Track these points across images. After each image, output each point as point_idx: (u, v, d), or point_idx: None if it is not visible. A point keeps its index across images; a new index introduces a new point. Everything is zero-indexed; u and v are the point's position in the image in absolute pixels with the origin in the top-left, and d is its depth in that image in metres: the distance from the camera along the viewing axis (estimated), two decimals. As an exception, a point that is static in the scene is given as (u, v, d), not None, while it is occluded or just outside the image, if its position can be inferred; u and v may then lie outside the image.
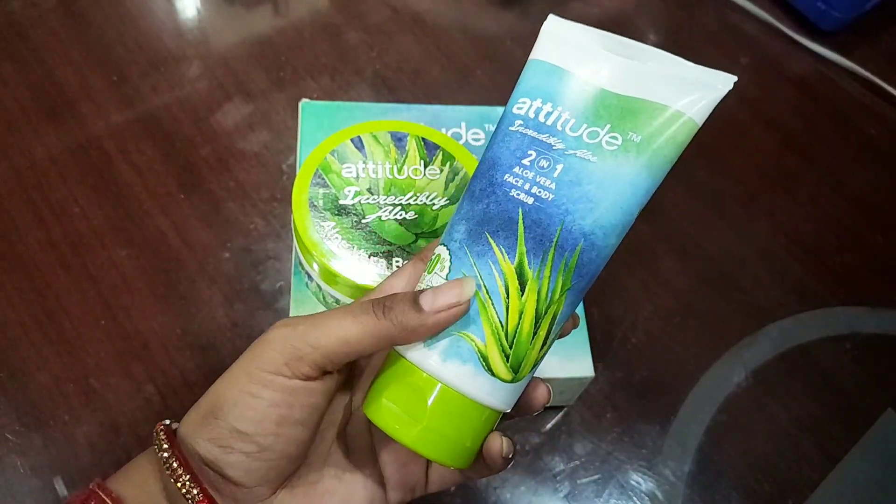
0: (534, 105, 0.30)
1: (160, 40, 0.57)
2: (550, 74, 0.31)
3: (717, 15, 0.64)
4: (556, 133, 0.29)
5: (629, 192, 0.29)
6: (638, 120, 0.29)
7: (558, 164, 0.28)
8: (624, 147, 0.29)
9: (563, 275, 0.27)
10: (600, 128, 0.29)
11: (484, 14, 0.62)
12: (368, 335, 0.26)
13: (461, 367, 0.26)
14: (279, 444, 0.27)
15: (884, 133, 0.59)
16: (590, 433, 0.44)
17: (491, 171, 0.29)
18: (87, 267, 0.46)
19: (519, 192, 0.28)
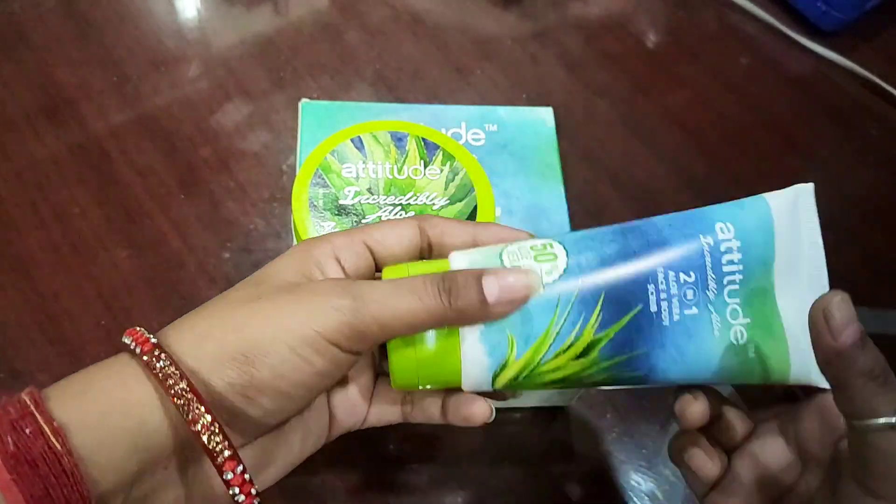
0: (732, 243, 0.29)
1: (160, 40, 0.57)
2: (765, 236, 0.30)
3: (717, 15, 0.64)
4: (719, 283, 0.28)
5: (705, 377, 0.29)
6: (770, 343, 0.29)
7: (695, 307, 0.28)
8: (740, 350, 0.29)
9: (607, 375, 0.28)
10: (743, 316, 0.29)
11: (484, 14, 0.62)
12: (431, 319, 0.26)
13: (482, 356, 0.27)
14: (301, 405, 0.26)
15: (884, 133, 0.59)
16: (590, 433, 0.44)
17: (654, 249, 0.28)
18: (88, 267, 0.46)
19: (653, 289, 0.28)
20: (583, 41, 0.61)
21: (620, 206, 0.53)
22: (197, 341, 0.25)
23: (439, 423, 0.30)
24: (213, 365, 0.24)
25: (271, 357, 0.24)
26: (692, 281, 0.28)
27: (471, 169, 0.40)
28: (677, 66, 0.61)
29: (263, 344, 0.24)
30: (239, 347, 0.24)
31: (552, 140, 0.46)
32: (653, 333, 0.27)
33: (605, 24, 0.63)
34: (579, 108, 0.57)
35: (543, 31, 0.61)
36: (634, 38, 0.62)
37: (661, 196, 0.54)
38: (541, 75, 0.59)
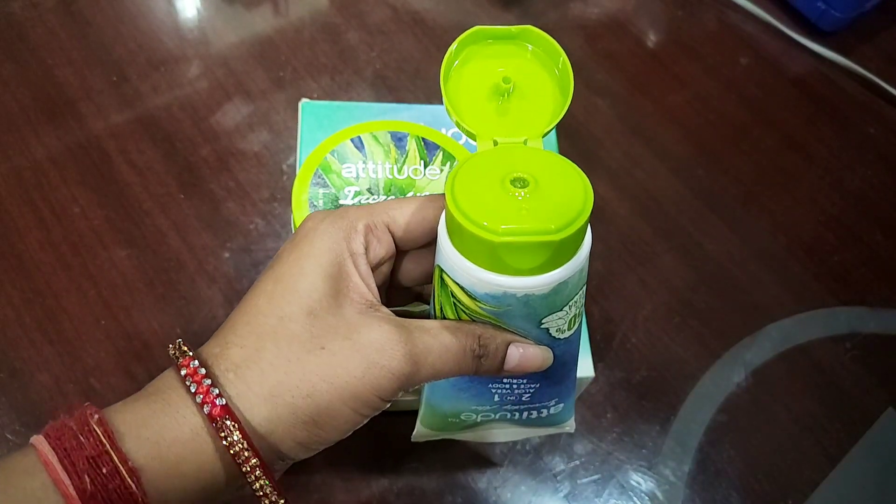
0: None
1: (160, 40, 0.57)
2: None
3: (717, 15, 0.64)
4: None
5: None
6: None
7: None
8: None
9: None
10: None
11: (484, 14, 0.62)
12: (457, 373, 0.28)
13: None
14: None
15: (884, 133, 0.59)
16: (590, 433, 0.44)
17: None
18: (88, 267, 0.46)
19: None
20: (583, 41, 0.61)
21: (620, 206, 0.53)
22: (269, 403, 0.25)
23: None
24: (285, 431, 0.25)
25: (336, 420, 0.26)
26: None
27: (471, 169, 0.40)
28: (677, 65, 0.61)
29: (331, 410, 0.26)
30: (310, 414, 0.26)
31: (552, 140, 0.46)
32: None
33: (605, 24, 0.63)
34: (579, 108, 0.57)
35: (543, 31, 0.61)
36: (634, 38, 0.62)
37: (661, 196, 0.54)
38: (541, 75, 0.59)
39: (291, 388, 0.25)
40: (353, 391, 0.26)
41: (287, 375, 0.25)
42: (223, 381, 0.25)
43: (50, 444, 0.23)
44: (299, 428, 0.26)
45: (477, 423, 0.34)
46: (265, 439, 0.25)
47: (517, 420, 0.34)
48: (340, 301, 0.27)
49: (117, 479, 0.22)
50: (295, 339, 0.26)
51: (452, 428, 0.35)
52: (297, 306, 0.27)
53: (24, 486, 0.22)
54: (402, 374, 0.26)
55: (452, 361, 0.28)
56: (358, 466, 0.42)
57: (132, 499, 0.23)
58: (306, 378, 0.25)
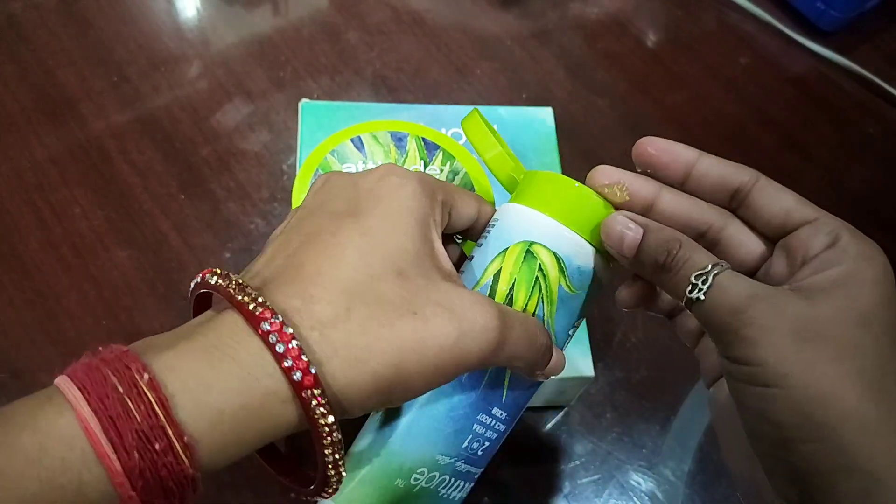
0: None
1: (160, 40, 0.57)
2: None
3: (716, 14, 0.64)
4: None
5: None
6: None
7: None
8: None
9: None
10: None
11: (484, 14, 0.62)
12: (526, 355, 0.28)
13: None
14: None
15: (883, 132, 0.59)
16: (590, 433, 0.44)
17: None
18: (88, 267, 0.46)
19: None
20: (582, 41, 0.61)
21: (620, 205, 0.53)
22: (354, 369, 0.23)
23: None
24: (364, 399, 0.24)
25: (406, 393, 0.25)
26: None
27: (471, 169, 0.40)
28: (677, 65, 0.61)
29: (409, 382, 0.24)
30: (390, 383, 0.24)
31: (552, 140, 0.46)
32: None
33: (604, 24, 0.63)
34: (579, 108, 0.57)
35: (543, 31, 0.61)
36: (634, 38, 0.62)
37: (661, 196, 0.54)
38: (541, 75, 0.59)
39: (379, 355, 0.23)
40: (438, 363, 0.24)
41: (377, 341, 0.24)
42: (310, 342, 0.23)
43: (91, 407, 0.20)
44: (373, 396, 0.24)
45: (413, 492, 0.30)
46: (342, 403, 0.23)
47: (441, 496, 0.32)
48: (428, 265, 0.26)
49: (170, 457, 0.20)
50: (386, 302, 0.24)
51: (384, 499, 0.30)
52: (388, 265, 0.25)
53: (61, 456, 0.19)
54: (491, 345, 0.25)
55: (527, 344, 0.27)
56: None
57: (183, 474, 0.20)
58: (396, 345, 0.24)
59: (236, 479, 0.41)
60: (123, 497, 0.20)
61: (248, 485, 0.41)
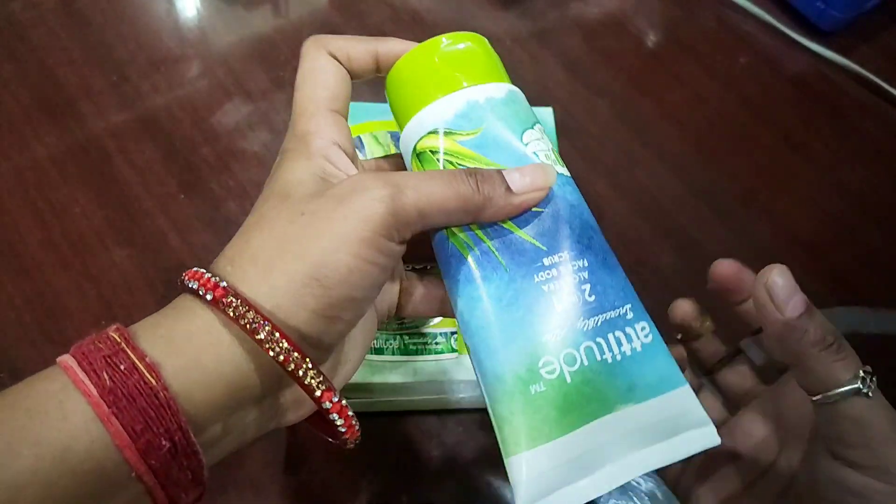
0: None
1: (160, 40, 0.57)
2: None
3: (716, 14, 0.64)
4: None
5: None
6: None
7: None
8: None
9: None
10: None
11: (484, 14, 0.62)
12: (463, 207, 0.26)
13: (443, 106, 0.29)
14: (370, 304, 0.27)
15: (882, 132, 0.59)
16: (590, 432, 0.44)
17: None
18: (88, 267, 0.46)
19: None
20: (582, 41, 0.61)
21: (620, 205, 0.53)
22: (265, 277, 0.25)
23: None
24: (290, 299, 0.24)
25: (341, 271, 0.25)
26: (586, 298, 0.27)
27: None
28: (676, 65, 0.61)
29: (330, 262, 0.24)
30: (308, 273, 0.24)
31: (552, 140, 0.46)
32: (522, 268, 0.27)
33: (604, 24, 0.63)
34: (579, 108, 0.57)
35: (543, 31, 0.61)
36: (634, 38, 0.62)
37: (661, 195, 0.54)
38: (541, 75, 0.59)
39: (282, 256, 0.25)
40: (341, 234, 0.25)
41: (276, 249, 0.25)
42: (223, 274, 0.25)
43: (71, 355, 0.23)
44: (303, 293, 0.24)
45: (570, 384, 0.25)
46: (275, 315, 0.24)
47: (585, 369, 0.26)
48: (317, 178, 0.27)
49: (136, 375, 0.22)
50: (276, 220, 0.26)
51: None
52: (274, 198, 0.27)
53: (44, 389, 0.22)
54: (383, 197, 0.25)
55: (441, 179, 0.26)
56: (358, 467, 0.42)
57: (153, 392, 0.22)
58: (293, 242, 0.25)
59: (238, 479, 0.41)
60: (101, 417, 0.22)
61: (249, 485, 0.41)
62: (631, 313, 0.28)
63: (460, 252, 0.27)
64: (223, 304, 0.24)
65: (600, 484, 0.25)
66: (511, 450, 0.25)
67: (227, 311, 0.24)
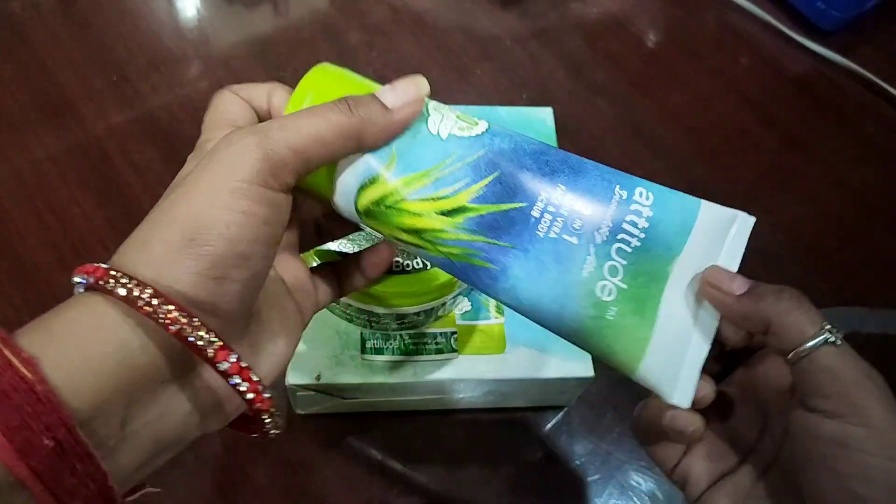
0: (640, 204, 0.29)
1: (160, 40, 0.57)
2: (682, 225, 0.30)
3: (717, 14, 0.64)
4: (612, 233, 0.28)
5: (552, 313, 0.28)
6: (633, 318, 0.28)
7: (577, 237, 0.27)
8: (604, 307, 0.27)
9: (461, 251, 0.27)
10: (622, 279, 0.28)
11: (484, 14, 0.62)
12: (341, 134, 0.25)
13: (359, 163, 0.27)
14: (266, 267, 0.25)
15: (883, 132, 0.59)
16: (590, 433, 0.44)
17: (567, 171, 0.28)
18: (88, 267, 0.46)
19: (545, 198, 0.27)
20: (583, 41, 0.61)
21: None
22: (142, 249, 0.24)
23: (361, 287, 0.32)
24: (168, 264, 0.23)
25: (217, 226, 0.23)
26: (587, 214, 0.27)
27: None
28: (677, 65, 0.61)
29: (202, 219, 0.23)
30: (183, 235, 0.23)
31: (552, 140, 0.46)
32: (523, 234, 0.27)
33: (604, 24, 0.63)
34: (579, 108, 0.57)
35: (543, 31, 0.61)
36: (634, 38, 0.62)
37: (661, 196, 0.54)
38: (541, 75, 0.59)
39: (155, 228, 0.24)
40: (211, 189, 0.24)
41: (151, 223, 0.24)
42: (110, 261, 0.24)
43: None
44: (183, 256, 0.23)
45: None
46: (158, 283, 0.23)
47: (628, 266, 0.27)
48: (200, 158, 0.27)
49: (10, 372, 0.20)
50: (158, 204, 0.25)
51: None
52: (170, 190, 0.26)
53: None
54: (249, 144, 0.24)
55: (310, 113, 0.25)
56: (359, 467, 0.42)
57: (29, 387, 0.20)
58: (167, 212, 0.24)
59: (238, 480, 0.41)
60: None
61: (250, 485, 0.41)
62: (623, 191, 0.28)
63: (468, 263, 0.27)
64: (102, 283, 0.23)
65: (704, 329, 0.28)
66: (633, 368, 0.28)
67: (106, 288, 0.23)
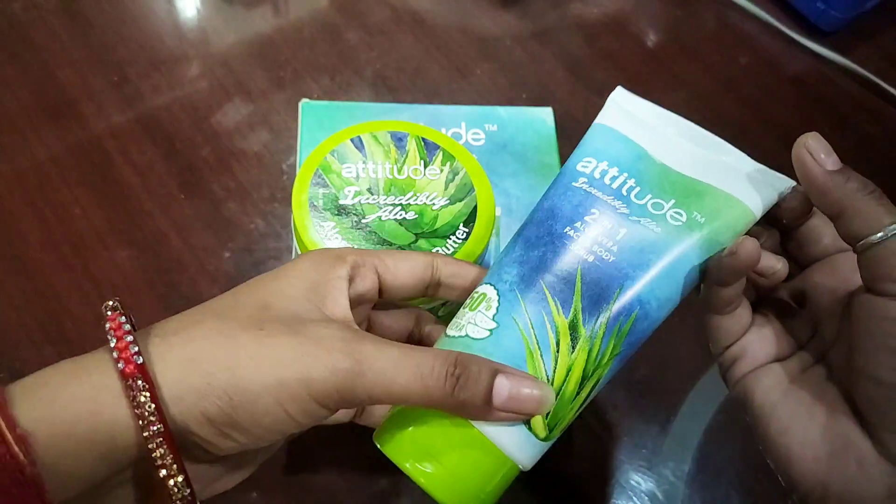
0: (599, 166, 0.30)
1: (160, 40, 0.57)
2: (618, 142, 0.31)
3: (716, 14, 0.64)
4: (621, 197, 0.29)
5: (687, 268, 0.29)
6: (704, 202, 0.29)
7: (622, 227, 0.28)
8: (688, 224, 0.29)
9: (614, 339, 0.27)
10: (665, 201, 0.29)
11: (484, 14, 0.62)
12: (426, 401, 0.25)
13: (516, 430, 0.26)
14: (271, 447, 0.26)
15: (883, 132, 0.59)
16: (590, 433, 0.44)
17: (550, 221, 0.29)
18: (89, 267, 0.46)
19: (579, 247, 0.28)
20: (583, 41, 0.61)
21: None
22: (184, 368, 0.23)
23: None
24: (195, 399, 0.23)
25: (257, 406, 0.23)
26: (598, 216, 0.29)
27: (471, 169, 0.40)
28: (677, 65, 0.61)
29: (252, 391, 0.23)
30: (226, 388, 0.23)
31: (552, 140, 0.46)
32: (611, 276, 0.28)
33: (604, 24, 0.63)
34: (579, 108, 0.57)
35: (543, 31, 0.61)
36: (634, 38, 0.62)
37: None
38: (541, 75, 0.59)
39: (212, 356, 0.23)
40: (280, 378, 0.23)
41: (212, 345, 0.24)
42: (148, 343, 0.24)
43: None
44: (210, 401, 0.23)
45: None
46: (172, 406, 0.23)
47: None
48: (304, 306, 0.26)
49: (2, 447, 0.20)
50: (237, 319, 0.24)
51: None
52: (256, 297, 0.25)
53: None
54: (337, 370, 0.23)
55: (414, 374, 0.24)
56: (360, 467, 0.42)
57: (18, 468, 0.20)
58: (232, 351, 0.23)
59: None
60: None
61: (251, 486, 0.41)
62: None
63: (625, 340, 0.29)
64: (129, 384, 0.22)
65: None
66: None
67: (129, 393, 0.22)
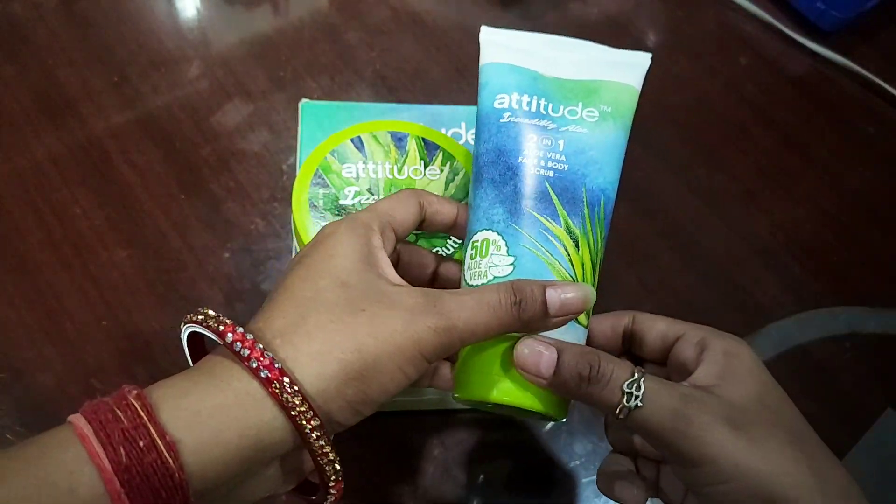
0: (512, 98, 0.34)
1: (160, 40, 0.57)
2: (512, 73, 0.35)
3: (716, 14, 0.64)
4: (542, 116, 0.34)
5: (619, 150, 0.35)
6: (601, 95, 0.35)
7: (559, 139, 0.33)
8: (602, 117, 0.34)
9: (599, 226, 0.34)
10: (575, 106, 0.34)
11: (484, 14, 0.62)
12: (498, 327, 0.28)
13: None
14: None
15: (883, 132, 0.59)
16: (590, 433, 0.44)
17: (503, 158, 0.33)
18: (89, 267, 0.46)
19: (538, 168, 0.33)
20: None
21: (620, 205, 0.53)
22: (317, 362, 0.26)
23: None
24: (336, 387, 0.26)
25: (383, 375, 0.26)
26: (537, 139, 0.33)
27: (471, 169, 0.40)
28: (677, 65, 0.61)
29: (379, 364, 0.26)
30: (358, 369, 0.26)
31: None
32: (572, 181, 0.33)
33: (604, 24, 0.63)
34: (579, 107, 0.57)
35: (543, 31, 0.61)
36: (634, 38, 0.62)
37: (661, 195, 0.54)
38: (540, 75, 0.59)
39: (339, 344, 0.26)
40: (398, 345, 0.26)
41: (334, 334, 0.26)
42: (272, 347, 0.26)
43: (86, 419, 0.23)
44: (349, 385, 0.26)
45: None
46: (317, 399, 0.25)
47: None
48: (370, 276, 0.29)
49: (154, 454, 0.22)
50: (334, 306, 0.27)
51: None
52: (330, 279, 0.28)
53: (56, 458, 0.22)
54: (438, 329, 0.27)
55: (488, 312, 0.28)
56: (359, 466, 0.42)
57: (168, 473, 0.22)
58: (352, 335, 0.26)
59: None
60: (112, 495, 0.21)
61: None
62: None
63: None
64: (276, 387, 0.24)
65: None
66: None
67: (279, 395, 0.24)
